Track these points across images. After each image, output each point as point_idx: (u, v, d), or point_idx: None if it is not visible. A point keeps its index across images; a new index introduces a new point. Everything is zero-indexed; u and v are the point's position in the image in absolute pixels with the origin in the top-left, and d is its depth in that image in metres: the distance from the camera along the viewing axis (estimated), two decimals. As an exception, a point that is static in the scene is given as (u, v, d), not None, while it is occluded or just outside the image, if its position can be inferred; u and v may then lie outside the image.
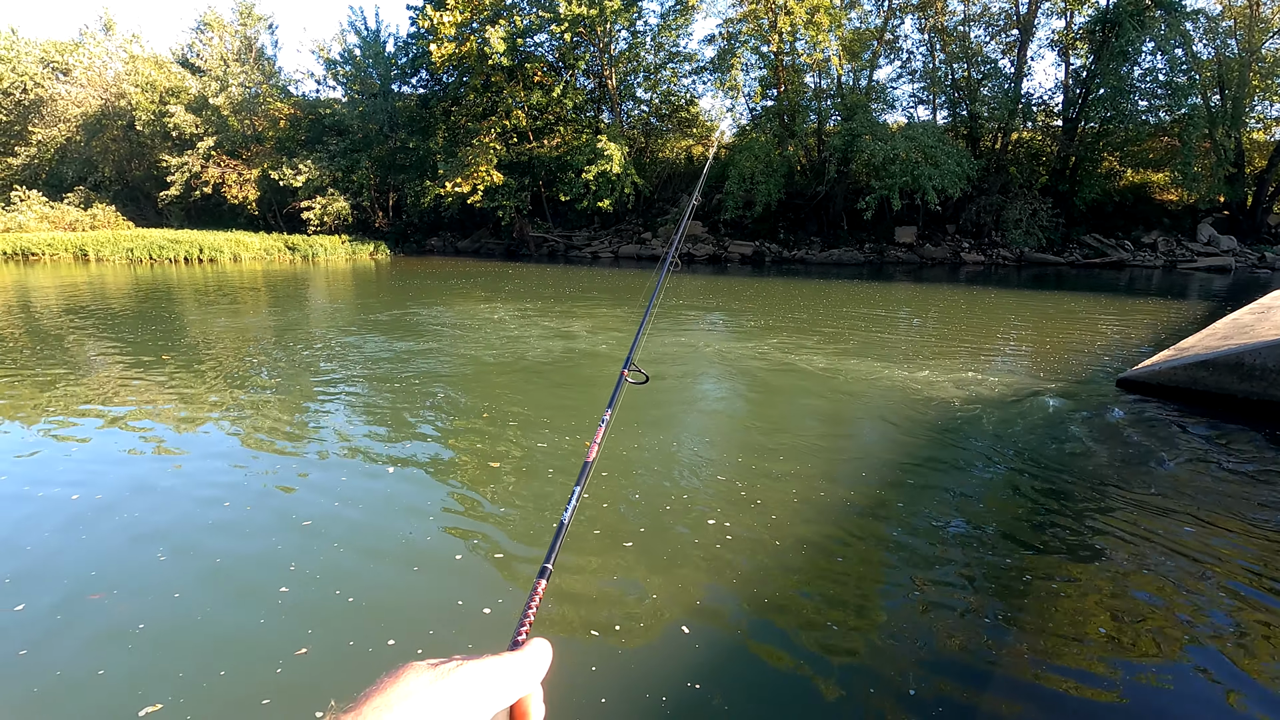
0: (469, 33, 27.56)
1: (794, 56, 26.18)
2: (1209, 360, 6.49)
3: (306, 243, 28.92)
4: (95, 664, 2.65)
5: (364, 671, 2.60)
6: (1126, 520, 3.92)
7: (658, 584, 3.22)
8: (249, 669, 2.64)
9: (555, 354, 8.69)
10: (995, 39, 27.28)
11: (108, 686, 2.54)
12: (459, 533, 3.80)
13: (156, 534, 3.72)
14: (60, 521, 3.85)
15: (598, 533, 3.76)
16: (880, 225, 26.59)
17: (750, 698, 2.49)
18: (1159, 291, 16.49)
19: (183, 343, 9.27)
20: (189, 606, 3.05)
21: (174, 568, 3.38)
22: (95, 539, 3.66)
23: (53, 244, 26.49)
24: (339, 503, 4.14)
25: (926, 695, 2.51)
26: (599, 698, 2.43)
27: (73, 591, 3.16)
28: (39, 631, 2.85)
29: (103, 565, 3.40)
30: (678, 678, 2.58)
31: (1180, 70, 22.61)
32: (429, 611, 3.05)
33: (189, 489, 4.35)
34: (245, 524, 3.86)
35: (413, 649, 2.74)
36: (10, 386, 6.80)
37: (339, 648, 2.75)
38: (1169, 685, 2.57)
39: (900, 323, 11.73)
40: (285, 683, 2.56)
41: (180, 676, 2.58)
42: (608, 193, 26.99)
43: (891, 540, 3.71)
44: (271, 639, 2.82)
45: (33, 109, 36.09)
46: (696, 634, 2.85)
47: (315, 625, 2.90)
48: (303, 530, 3.76)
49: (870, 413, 6.14)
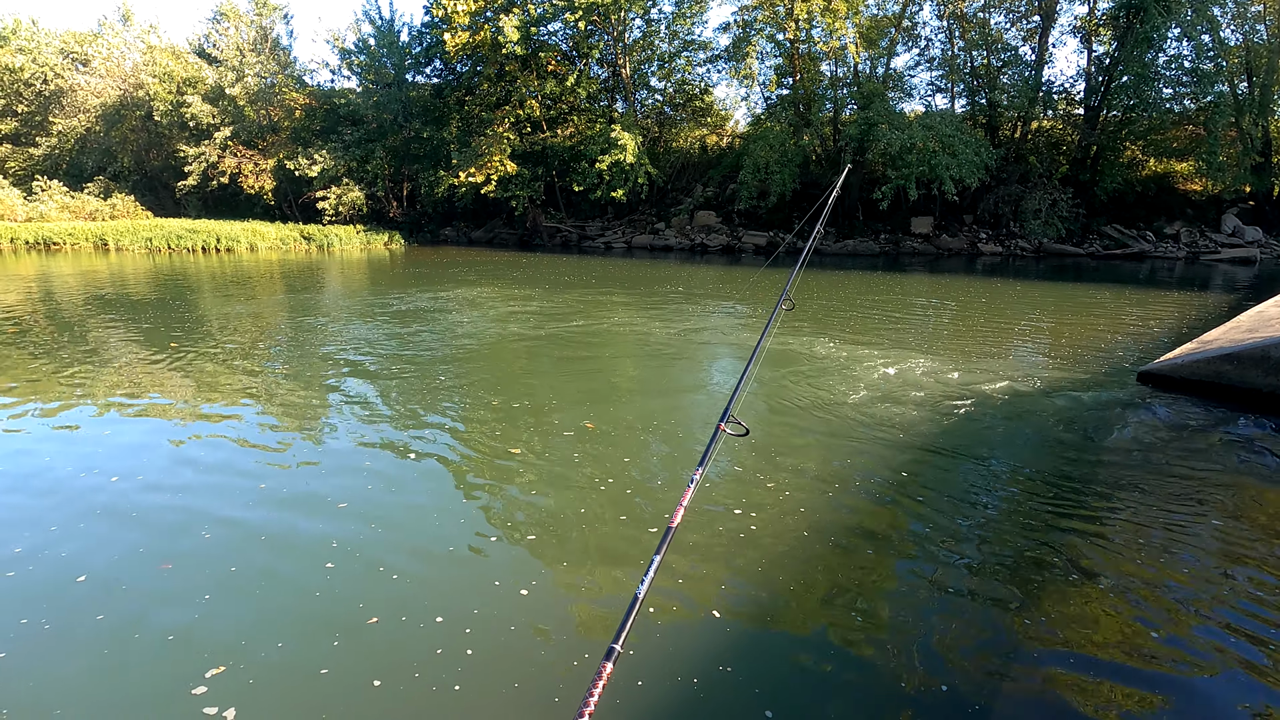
0: (483, 21, 27.49)
1: (810, 44, 25.89)
2: (1233, 354, 6.42)
3: (322, 232, 29.15)
4: (165, 629, 2.83)
5: (418, 645, 2.73)
6: (1146, 517, 3.93)
7: (685, 569, 3.29)
8: (306, 640, 2.77)
9: (571, 338, 8.75)
10: (1016, 25, 26.78)
11: (176, 650, 2.71)
12: (488, 514, 3.90)
13: (199, 513, 3.86)
14: (105, 501, 4.00)
15: (624, 518, 3.84)
16: (896, 215, 26.34)
17: (779, 681, 2.56)
18: (1181, 283, 16.26)
19: (204, 330, 9.44)
20: (244, 580, 3.20)
21: (222, 545, 3.53)
22: (140, 517, 3.80)
23: (74, 233, 26.88)
24: (371, 485, 4.26)
25: (943, 687, 2.56)
26: (635, 680, 2.51)
27: (136, 564, 3.34)
28: (114, 600, 3.04)
29: (152, 542, 3.53)
30: (710, 660, 2.65)
31: (1206, 57, 22.11)
32: (469, 591, 3.15)
33: (223, 471, 4.48)
34: (283, 505, 4.00)
35: (461, 627, 2.85)
36: (41, 372, 6.98)
37: (389, 623, 2.87)
38: (1188, 687, 2.56)
39: (916, 314, 11.68)
40: (342, 654, 2.68)
41: (242, 645, 2.72)
42: (621, 183, 26.94)
43: (910, 532, 3.75)
44: (323, 613, 2.95)
45: (53, 99, 36.51)
46: (727, 619, 2.92)
47: (364, 600, 3.03)
48: (339, 511, 3.89)
49: (887, 404, 6.15)
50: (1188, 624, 2.92)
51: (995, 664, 2.67)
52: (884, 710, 2.43)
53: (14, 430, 5.27)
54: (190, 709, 2.38)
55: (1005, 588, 3.20)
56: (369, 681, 2.52)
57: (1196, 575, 3.30)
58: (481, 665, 2.60)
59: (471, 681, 2.52)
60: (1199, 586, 3.21)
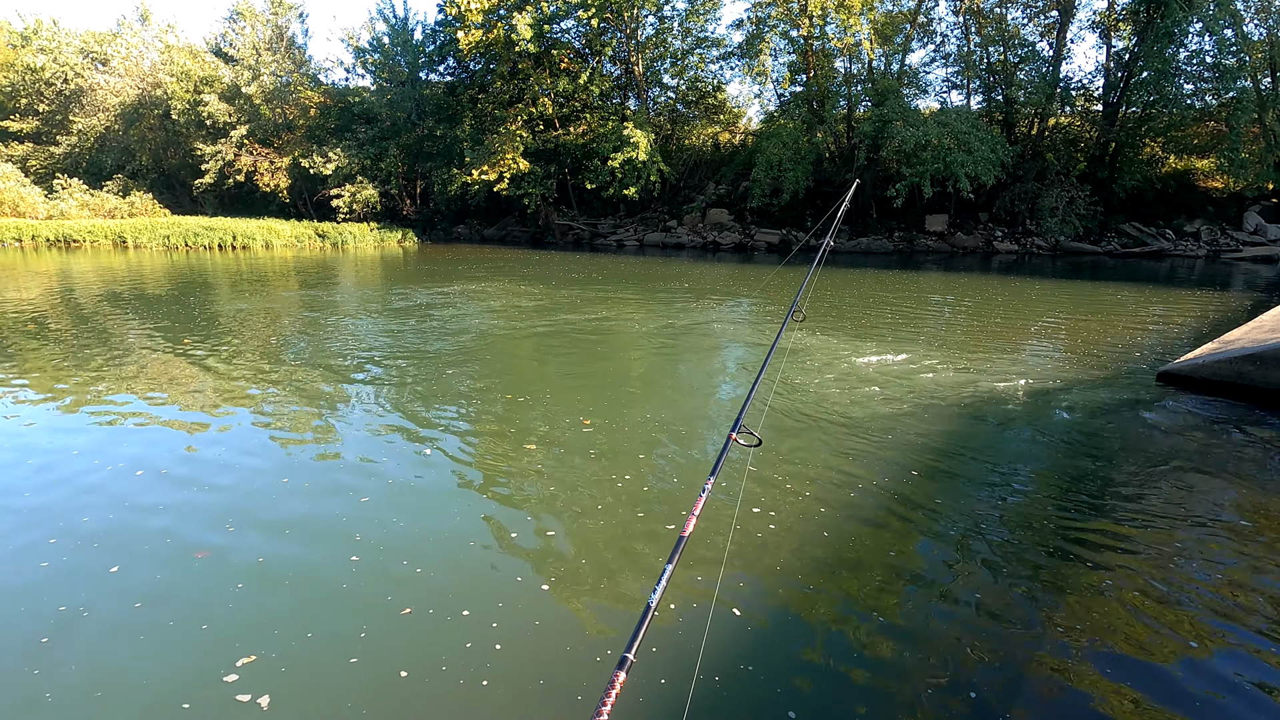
0: (496, 19, 27.56)
1: (824, 41, 25.72)
2: (1256, 354, 6.34)
3: (336, 230, 29.40)
4: (200, 618, 2.92)
5: (446, 639, 2.77)
6: (1166, 518, 3.90)
7: (706, 568, 3.31)
8: (334, 631, 2.83)
9: (579, 335, 8.79)
10: (1033, 21, 26.45)
11: (209, 638, 2.79)
12: (506, 509, 3.95)
13: (222, 507, 3.94)
14: (130, 494, 4.08)
15: (641, 515, 3.86)
16: (910, 213, 26.14)
17: (802, 681, 2.58)
18: (1202, 282, 16.03)
19: (221, 326, 9.57)
20: (272, 572, 3.27)
21: (248, 537, 3.59)
22: (164, 510, 3.88)
23: (93, 231, 27.29)
24: (389, 481, 4.33)
25: (967, 691, 2.57)
26: (659, 679, 2.54)
27: (171, 553, 3.42)
28: (147, 589, 3.12)
29: (180, 532, 3.60)
30: (732, 659, 2.67)
31: (1229, 52, 21.72)
32: (493, 586, 3.19)
33: (243, 467, 4.57)
34: (305, 499, 4.07)
35: (488, 620, 2.89)
36: (64, 366, 7.12)
37: (418, 615, 2.93)
38: (1210, 692, 2.54)
39: (931, 312, 11.61)
40: (370, 645, 2.74)
41: (274, 634, 2.79)
42: (633, 180, 26.94)
43: (929, 533, 3.75)
44: (351, 605, 3.01)
45: (73, 99, 37.04)
46: (748, 619, 2.94)
47: (391, 593, 3.09)
48: (360, 505, 3.96)
49: (904, 404, 6.13)
50: (1209, 629, 2.90)
51: (1016, 666, 2.67)
52: (906, 711, 2.44)
53: (39, 424, 5.39)
54: (223, 695, 2.45)
55: (1025, 589, 3.20)
56: (396, 672, 2.57)
57: (1218, 579, 3.28)
58: (509, 661, 2.64)
59: (500, 676, 2.55)
60: (1221, 590, 3.18)
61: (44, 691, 2.47)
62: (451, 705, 2.42)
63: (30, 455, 4.72)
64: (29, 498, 4.06)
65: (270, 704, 2.41)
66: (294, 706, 2.41)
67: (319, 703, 2.44)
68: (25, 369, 7.08)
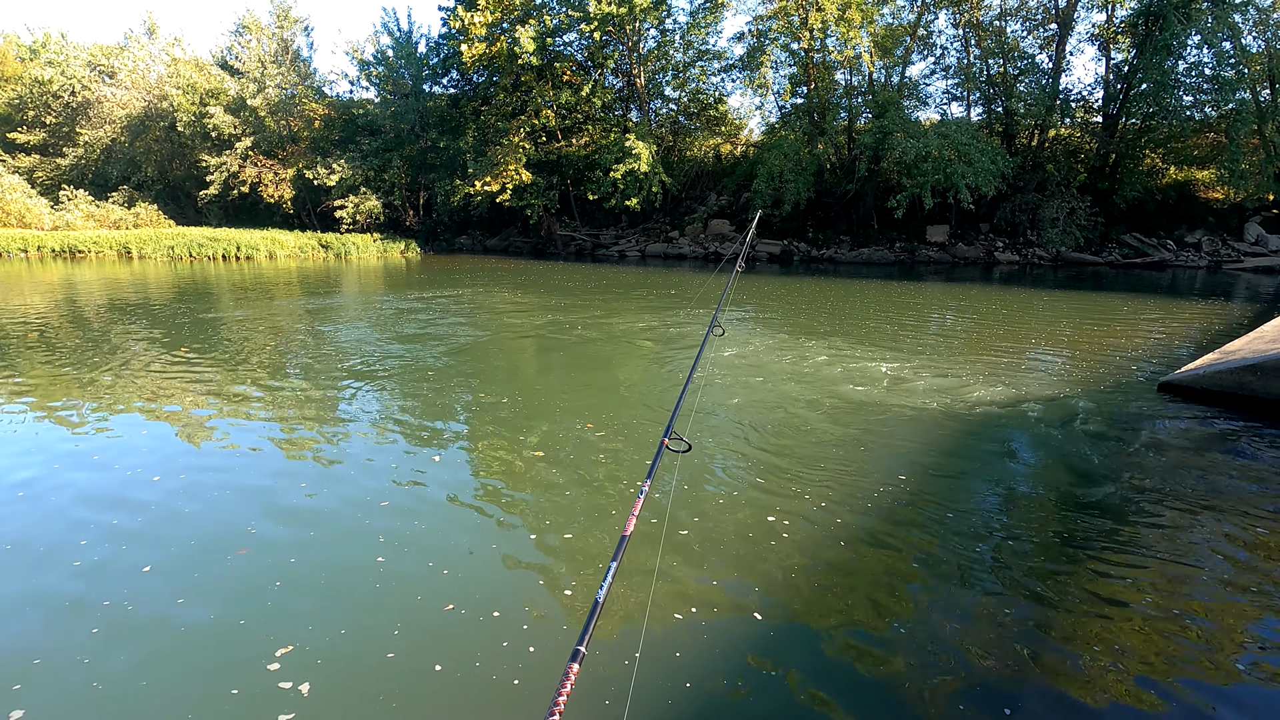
0: (499, 33, 27.91)
1: (825, 53, 26.01)
2: (1257, 364, 6.38)
3: (339, 241, 29.61)
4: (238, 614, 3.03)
5: (477, 637, 2.84)
6: (1166, 532, 3.89)
7: (721, 570, 3.36)
8: (368, 627, 2.91)
9: (581, 343, 8.86)
10: (1032, 33, 26.77)
11: (249, 630, 2.90)
12: (520, 514, 4.01)
13: (244, 511, 4.00)
14: (152, 498, 4.15)
15: (654, 520, 3.91)
16: (911, 224, 26.31)
17: (815, 680, 2.62)
18: (1203, 292, 16.11)
19: (228, 336, 9.65)
20: (305, 570, 3.36)
21: (274, 540, 3.66)
22: (190, 514, 3.94)
23: (98, 241, 27.48)
24: (404, 485, 4.40)
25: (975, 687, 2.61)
26: (684, 681, 2.59)
27: (204, 553, 3.53)
28: (187, 585, 3.24)
29: (207, 534, 3.67)
30: (752, 661, 2.72)
31: (1228, 64, 21.96)
32: (517, 588, 3.26)
33: (261, 472, 4.63)
34: (327, 501, 4.14)
35: (518, 622, 2.96)
36: (78, 376, 7.19)
37: (446, 615, 3.00)
38: (1212, 703, 2.53)
39: (933, 323, 11.68)
40: (403, 641, 2.82)
41: (309, 629, 2.88)
42: (635, 191, 27.16)
43: (935, 539, 3.76)
44: (382, 603, 3.09)
45: (80, 111, 37.40)
46: (765, 619, 2.99)
47: (420, 593, 3.17)
48: (381, 509, 4.03)
49: (908, 412, 6.19)
50: (1211, 638, 2.91)
51: (1024, 666, 2.71)
52: (917, 710, 2.48)
53: (52, 433, 5.45)
54: (266, 683, 2.55)
55: (1029, 593, 3.23)
56: (430, 666, 2.66)
57: (1220, 589, 3.28)
58: (540, 662, 2.69)
59: (533, 676, 2.61)
60: (1222, 600, 3.18)
61: (93, 681, 2.57)
62: (486, 700, 2.48)
63: (55, 460, 4.79)
64: (54, 500, 4.12)
65: (310, 691, 2.51)
66: (333, 694, 2.51)
67: (355, 691, 2.53)
68: (48, 376, 7.15)
